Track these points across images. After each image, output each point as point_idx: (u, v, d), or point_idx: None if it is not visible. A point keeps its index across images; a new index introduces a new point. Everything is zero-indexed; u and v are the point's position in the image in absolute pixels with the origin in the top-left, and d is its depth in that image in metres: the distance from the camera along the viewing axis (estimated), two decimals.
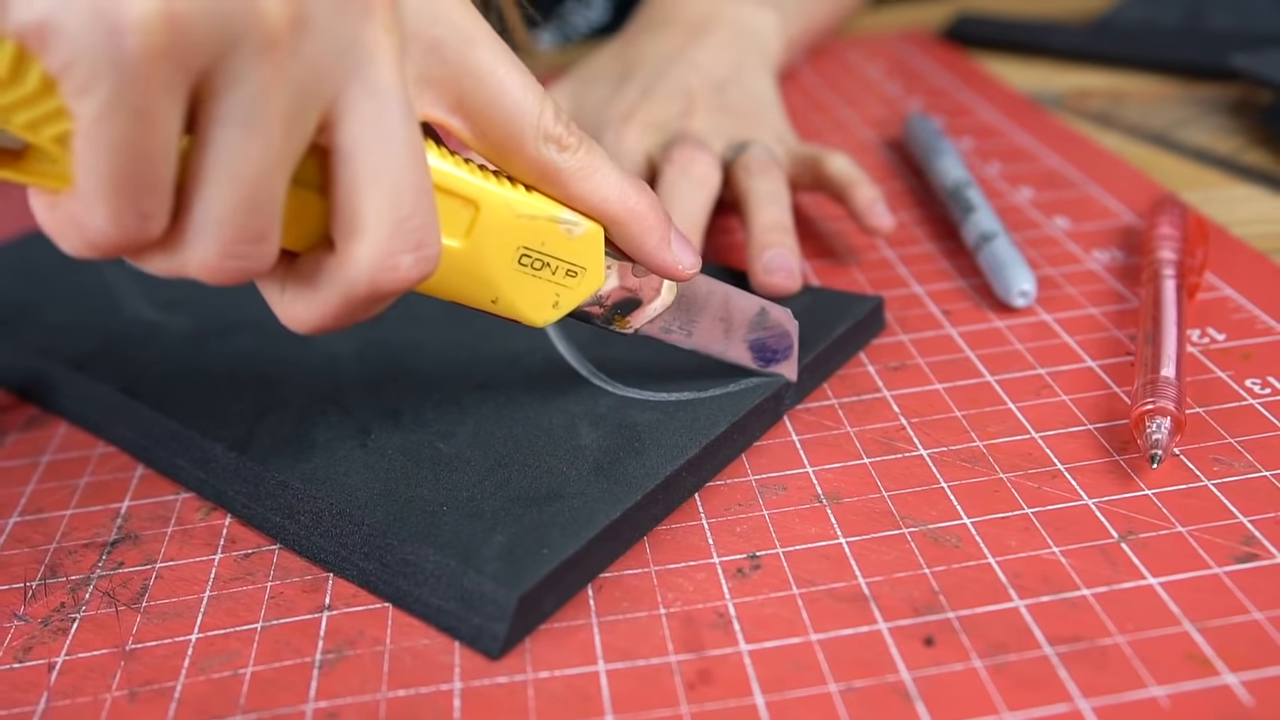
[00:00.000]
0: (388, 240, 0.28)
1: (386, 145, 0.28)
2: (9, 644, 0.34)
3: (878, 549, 0.34)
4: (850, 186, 0.48)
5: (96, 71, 0.24)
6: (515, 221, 0.33)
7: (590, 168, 0.34)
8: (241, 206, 0.27)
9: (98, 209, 0.26)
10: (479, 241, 0.32)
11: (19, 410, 0.46)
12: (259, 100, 0.26)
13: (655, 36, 0.58)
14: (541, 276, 0.34)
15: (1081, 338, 0.43)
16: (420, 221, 0.29)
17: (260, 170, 0.27)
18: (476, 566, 0.32)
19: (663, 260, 0.35)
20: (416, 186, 0.29)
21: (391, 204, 0.28)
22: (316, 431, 0.39)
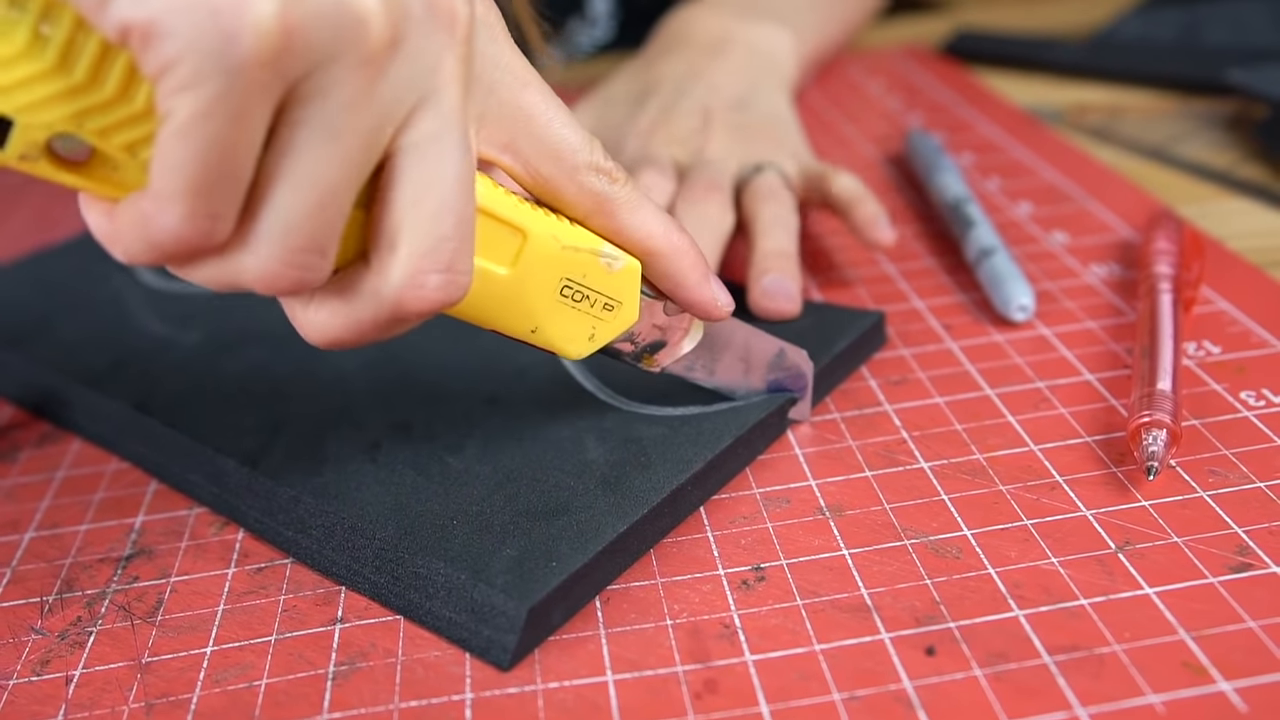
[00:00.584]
0: (421, 258, 0.29)
1: (439, 168, 0.29)
2: (27, 657, 0.34)
3: (880, 560, 0.34)
4: (854, 204, 0.49)
5: (203, 72, 0.24)
6: (560, 253, 0.34)
7: (637, 202, 0.35)
8: (311, 215, 0.27)
9: (173, 208, 0.26)
10: (524, 270, 0.33)
11: (33, 427, 0.47)
12: (346, 113, 0.27)
13: (673, 58, 0.59)
14: (581, 309, 0.35)
15: (1080, 351, 0.43)
16: (456, 246, 0.29)
17: (335, 181, 0.27)
18: (486, 580, 0.33)
19: (703, 296, 0.36)
20: (459, 212, 0.29)
21: (432, 223, 0.29)
22: (328, 446, 0.40)
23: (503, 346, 0.44)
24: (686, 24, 0.63)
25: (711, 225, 0.46)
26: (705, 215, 0.46)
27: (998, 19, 0.86)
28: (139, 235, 0.27)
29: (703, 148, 0.52)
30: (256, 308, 0.50)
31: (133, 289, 0.53)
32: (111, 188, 0.27)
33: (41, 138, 0.26)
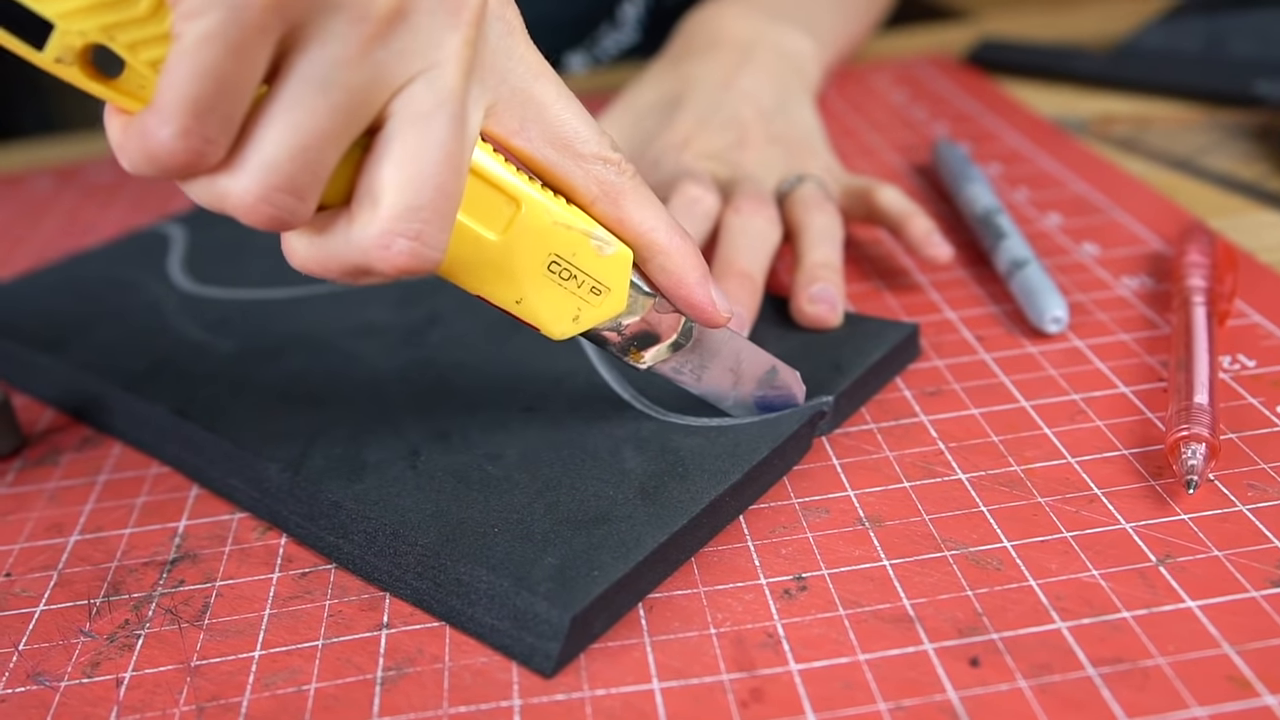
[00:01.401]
0: (393, 220, 0.30)
1: (426, 140, 0.30)
2: (77, 659, 0.35)
3: (921, 571, 0.35)
4: (905, 219, 0.49)
5: (211, 2, 0.27)
6: (551, 228, 0.35)
7: (642, 196, 0.36)
8: (292, 158, 0.29)
9: (170, 124, 0.28)
10: (514, 240, 0.34)
11: (72, 430, 0.47)
12: (338, 68, 0.29)
13: (701, 62, 0.59)
14: (567, 288, 0.36)
15: (1114, 364, 0.44)
16: (429, 218, 0.31)
17: (318, 130, 0.29)
18: (529, 587, 0.33)
19: (700, 296, 0.37)
20: (438, 186, 0.30)
21: (410, 189, 0.30)
22: (367, 452, 0.40)
23: (538, 356, 0.45)
24: (711, 25, 0.62)
25: (761, 238, 0.47)
26: (755, 229, 0.47)
27: (1019, 28, 0.86)
28: (140, 147, 0.28)
29: (741, 161, 0.52)
30: (292, 315, 0.51)
31: (168, 294, 0.54)
32: (135, 100, 0.29)
33: (78, 44, 0.28)
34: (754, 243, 0.46)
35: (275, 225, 0.30)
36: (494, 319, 0.48)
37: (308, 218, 0.31)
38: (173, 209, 0.69)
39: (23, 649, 0.36)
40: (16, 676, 0.34)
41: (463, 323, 0.48)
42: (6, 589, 0.38)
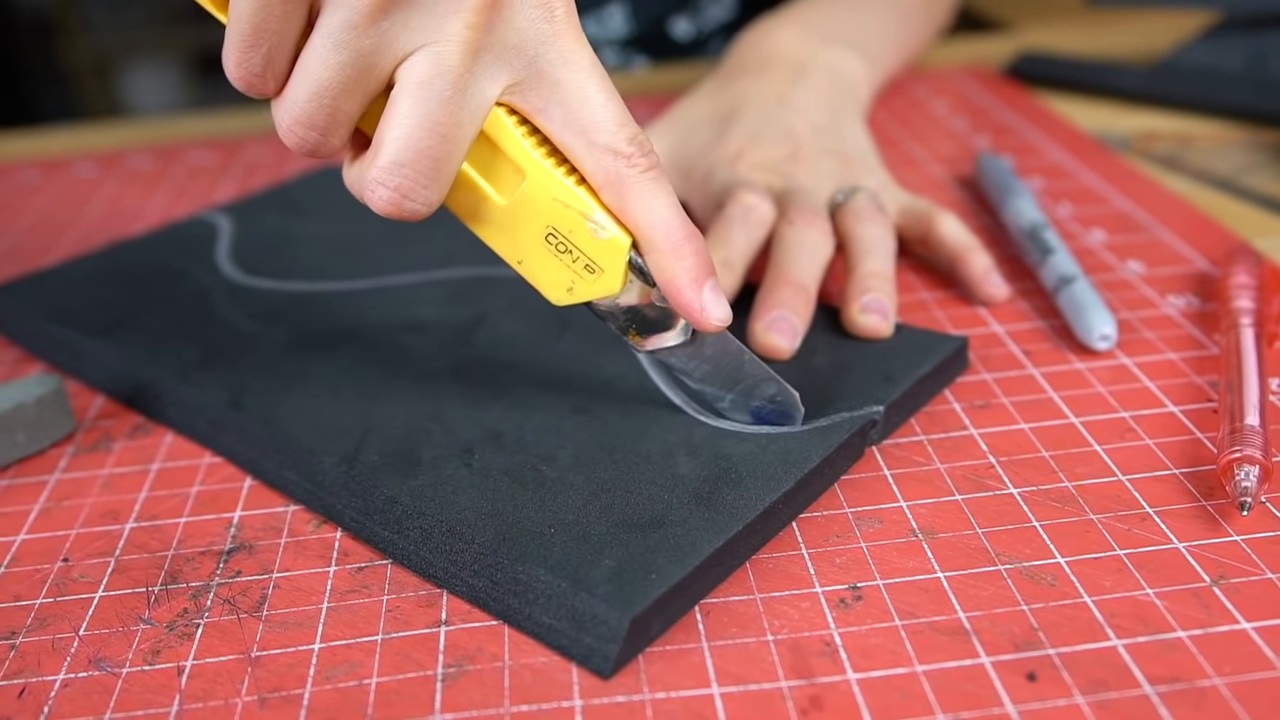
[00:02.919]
0: (380, 171, 0.35)
1: (419, 106, 0.34)
2: (138, 646, 0.35)
3: (975, 584, 0.35)
4: (965, 252, 0.50)
5: None
6: (551, 202, 0.37)
7: (648, 192, 0.37)
8: (309, 100, 0.34)
9: (228, 54, 0.35)
10: (518, 207, 0.37)
11: (125, 417, 0.48)
12: (349, 30, 0.33)
13: (754, 79, 0.60)
14: (563, 260, 0.38)
15: (1162, 383, 0.44)
16: (411, 173, 0.35)
17: (330, 81, 0.34)
18: (588, 589, 0.34)
19: (688, 298, 0.38)
20: (422, 149, 0.35)
21: (397, 147, 0.35)
22: (421, 449, 0.41)
23: (587, 358, 0.45)
24: (764, 44, 0.63)
25: (814, 249, 0.47)
26: (808, 240, 0.47)
27: (1059, 41, 0.86)
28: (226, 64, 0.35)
29: (794, 173, 0.53)
30: (340, 309, 0.51)
31: (217, 284, 0.54)
32: None
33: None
34: (807, 254, 0.47)
35: (303, 152, 0.36)
36: (541, 321, 0.48)
37: (336, 150, 0.36)
38: (215, 198, 0.69)
39: (83, 634, 0.36)
40: (79, 661, 0.35)
41: (511, 323, 0.49)
42: (65, 574, 0.39)
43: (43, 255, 0.64)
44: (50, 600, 0.38)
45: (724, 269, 0.47)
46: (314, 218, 0.61)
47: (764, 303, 0.45)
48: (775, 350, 0.44)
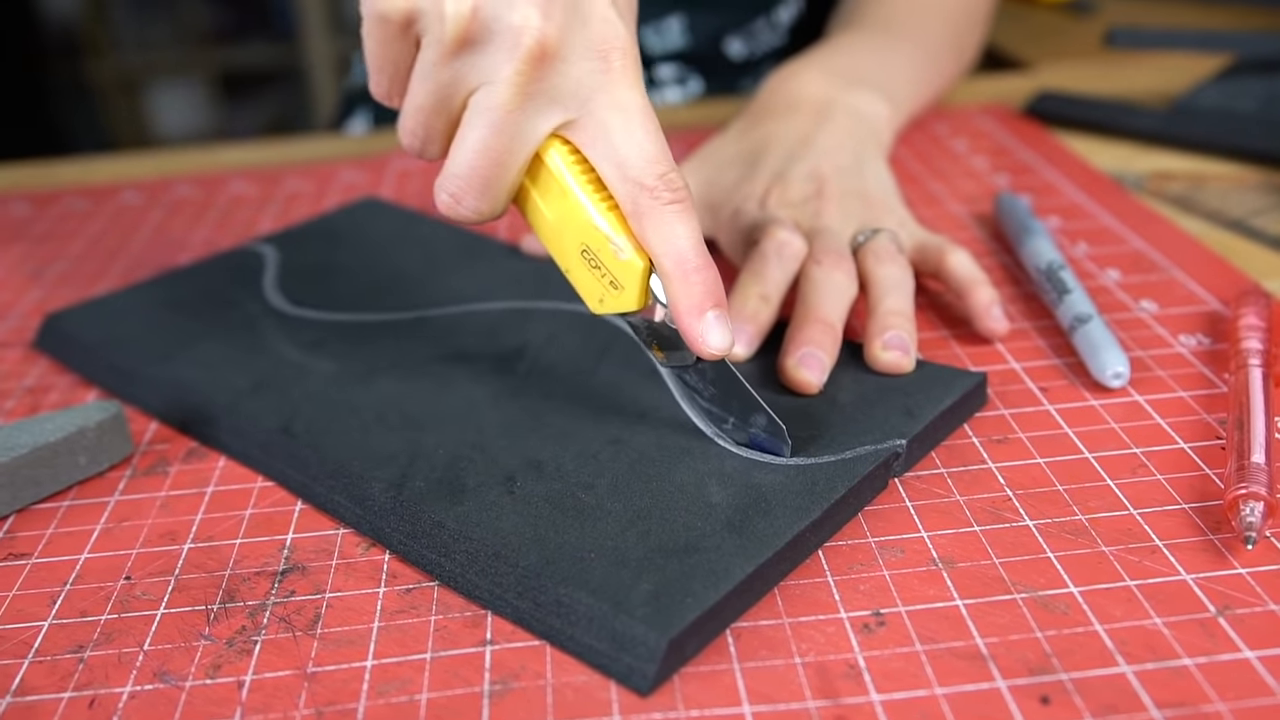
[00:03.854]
0: (443, 178, 0.43)
1: (475, 131, 0.42)
2: (199, 661, 0.37)
3: (992, 612, 0.37)
4: (971, 286, 0.52)
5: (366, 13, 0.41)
6: (584, 223, 0.42)
7: (666, 223, 0.41)
8: (410, 116, 0.43)
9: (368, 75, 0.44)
10: (561, 223, 0.43)
11: (179, 441, 0.50)
12: (432, 66, 0.41)
13: (780, 121, 0.62)
14: (594, 275, 0.43)
15: (1173, 420, 0.46)
16: (463, 185, 0.42)
17: (421, 104, 0.42)
18: (628, 611, 0.36)
19: (689, 324, 0.41)
20: (473, 166, 0.42)
21: (455, 161, 0.42)
22: (466, 476, 0.43)
23: (622, 390, 0.47)
24: (790, 87, 0.65)
25: (840, 290, 0.49)
26: (835, 281, 0.49)
27: (1077, 80, 0.88)
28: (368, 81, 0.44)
29: (819, 213, 0.55)
30: (383, 339, 0.54)
31: (265, 314, 0.57)
32: None
33: None
34: (834, 294, 0.49)
35: (412, 153, 0.44)
36: (578, 354, 0.51)
37: (435, 157, 0.44)
38: (258, 228, 0.72)
39: (147, 649, 0.38)
40: (144, 674, 0.37)
41: (549, 355, 0.51)
42: (128, 591, 0.41)
43: (95, 281, 0.66)
44: (115, 616, 0.40)
45: (760, 302, 0.49)
46: (355, 249, 0.64)
47: (794, 340, 0.47)
48: (805, 385, 0.46)
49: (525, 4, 0.40)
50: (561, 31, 0.41)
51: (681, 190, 0.42)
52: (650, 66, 0.93)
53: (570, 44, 0.41)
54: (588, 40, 0.41)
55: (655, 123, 0.42)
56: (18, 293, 0.66)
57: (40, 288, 0.66)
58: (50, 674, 0.37)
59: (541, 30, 0.40)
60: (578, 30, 0.41)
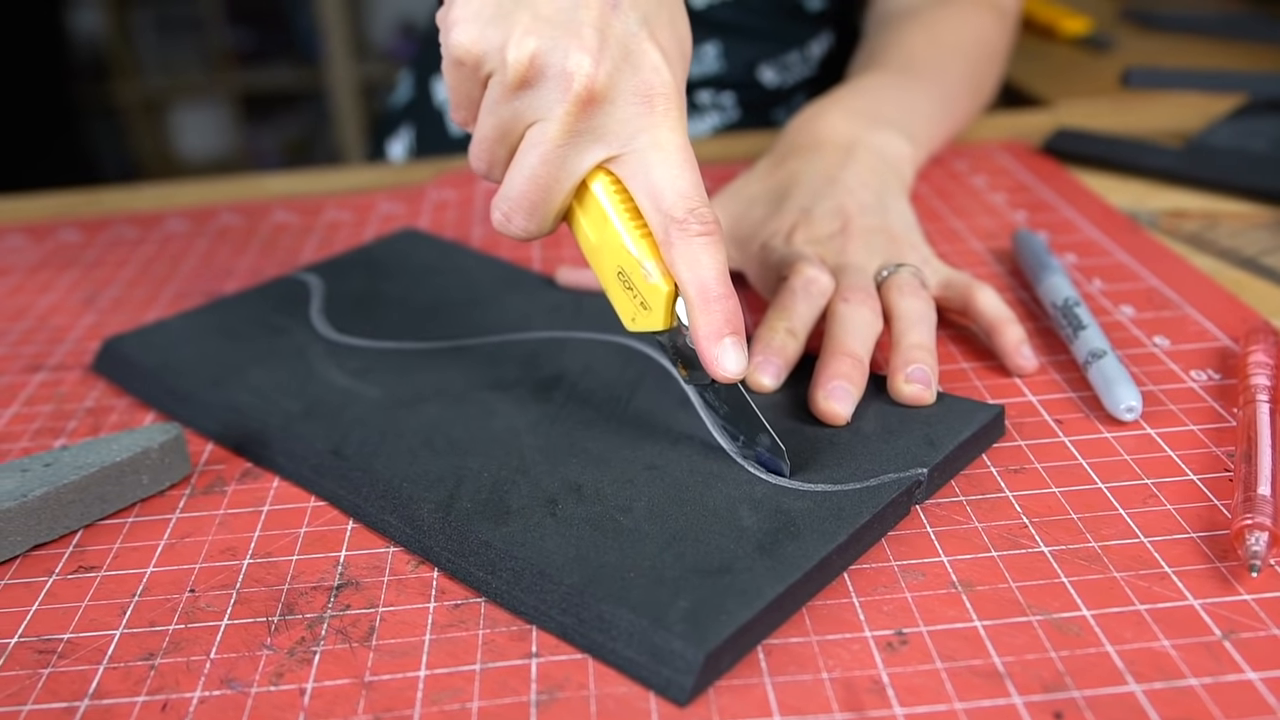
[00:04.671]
0: (497, 198, 0.48)
1: (524, 159, 0.46)
2: (263, 669, 0.40)
3: (1009, 633, 0.39)
4: (1000, 324, 0.54)
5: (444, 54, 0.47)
6: (619, 248, 0.46)
7: (691, 253, 0.45)
8: (478, 145, 0.48)
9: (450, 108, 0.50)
10: (602, 245, 0.47)
11: (234, 462, 0.52)
12: (496, 103, 0.46)
13: (805, 160, 0.65)
14: (628, 295, 0.47)
15: (1183, 453, 0.48)
16: (513, 206, 0.47)
17: (487, 135, 0.47)
18: (666, 627, 0.38)
19: (706, 349, 0.45)
20: (522, 191, 0.47)
21: (508, 184, 0.47)
22: (510, 499, 0.45)
23: (656, 418, 0.50)
24: (815, 127, 0.68)
25: (866, 325, 0.52)
26: (861, 317, 0.52)
27: (1094, 117, 0.91)
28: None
29: (844, 249, 0.57)
30: (427, 367, 0.56)
31: (313, 341, 0.59)
32: None
33: None
34: (861, 329, 0.52)
35: (480, 175, 0.50)
36: (613, 383, 0.53)
37: (499, 179, 0.49)
38: (301, 256, 0.74)
39: (214, 657, 0.41)
40: (211, 681, 0.39)
41: (585, 384, 0.54)
42: (193, 603, 0.43)
43: (147, 306, 0.69)
44: (182, 627, 0.42)
45: (787, 336, 0.52)
46: (396, 279, 0.67)
47: (823, 373, 0.50)
48: (834, 415, 0.49)
49: (579, 52, 0.44)
50: (610, 77, 0.45)
51: (710, 224, 0.45)
52: (690, 91, 0.96)
53: (618, 88, 0.45)
54: (635, 85, 0.45)
55: (692, 161, 0.46)
56: (73, 317, 0.68)
57: (94, 312, 0.69)
58: (124, 679, 0.40)
59: (591, 76, 0.44)
60: (626, 76, 0.45)
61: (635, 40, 0.45)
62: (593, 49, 0.44)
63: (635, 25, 0.46)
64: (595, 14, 0.45)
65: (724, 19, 0.94)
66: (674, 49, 0.47)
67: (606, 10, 0.45)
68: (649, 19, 0.46)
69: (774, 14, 0.96)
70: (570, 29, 0.45)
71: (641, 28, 0.46)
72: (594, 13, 0.45)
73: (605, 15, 0.45)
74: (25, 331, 0.67)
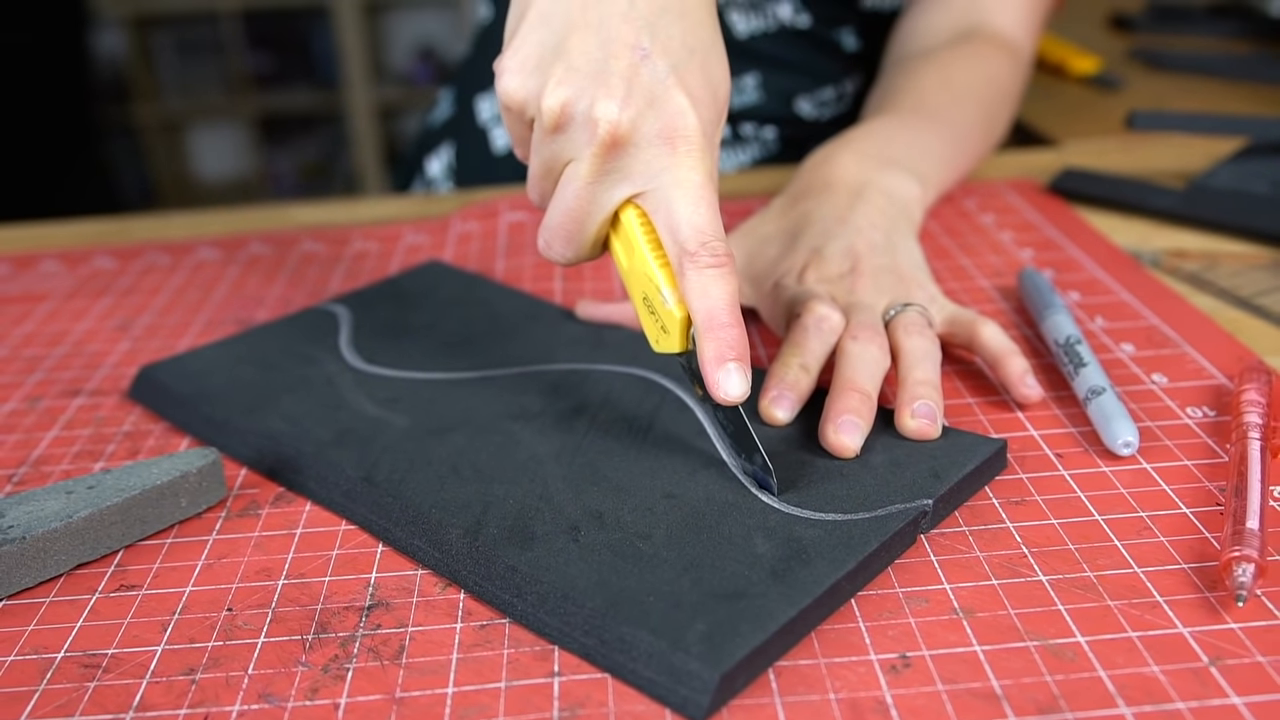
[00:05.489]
0: (541, 227, 0.53)
1: (564, 196, 0.51)
2: (299, 685, 0.42)
3: (1007, 658, 0.41)
4: (1004, 357, 0.57)
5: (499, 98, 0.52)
6: (644, 276, 0.51)
7: (700, 283, 0.48)
8: (531, 180, 0.54)
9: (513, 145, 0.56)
10: (631, 272, 0.51)
11: (267, 487, 0.55)
12: (538, 143, 0.51)
13: (818, 200, 0.67)
14: (652, 319, 0.51)
15: (1177, 487, 0.50)
16: (551, 236, 0.53)
17: (535, 171, 0.53)
18: (684, 649, 0.40)
19: (709, 373, 0.48)
20: (559, 223, 0.52)
21: (549, 217, 0.53)
22: (534, 525, 0.48)
23: (674, 449, 0.52)
24: (828, 169, 0.70)
25: (875, 362, 0.54)
26: (869, 355, 0.54)
27: (1099, 157, 0.93)
28: None
29: (854, 288, 0.60)
30: (453, 397, 0.58)
31: (342, 371, 0.62)
32: None
33: None
34: (869, 366, 0.54)
35: (536, 206, 0.55)
36: (632, 415, 0.56)
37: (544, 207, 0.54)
38: (329, 286, 0.77)
39: (251, 673, 0.43)
40: (250, 695, 0.42)
41: (606, 415, 0.56)
42: (230, 621, 0.46)
43: (180, 333, 0.71)
44: (220, 643, 0.45)
45: (800, 371, 0.54)
46: (422, 310, 0.69)
47: (833, 408, 0.52)
48: (843, 448, 0.51)
49: (605, 100, 0.48)
50: (633, 122, 0.48)
51: (721, 257, 0.48)
52: (734, 122, 1.01)
53: (641, 132, 0.49)
54: (658, 129, 0.49)
55: (710, 198, 0.49)
56: (109, 343, 0.71)
57: (129, 339, 0.71)
58: (167, 693, 0.42)
59: (616, 122, 0.48)
60: (650, 121, 0.49)
61: (662, 87, 0.49)
62: (619, 97, 0.48)
63: (664, 73, 0.49)
64: (624, 64, 0.48)
65: (764, 50, 0.99)
66: (704, 93, 0.50)
67: (635, 60, 0.49)
68: (678, 66, 0.49)
69: (812, 49, 1.00)
70: (599, 79, 0.48)
71: (670, 75, 0.49)
72: (623, 63, 0.48)
73: (634, 65, 0.48)
74: (63, 357, 0.70)
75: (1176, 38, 1.40)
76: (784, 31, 0.98)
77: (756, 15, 0.97)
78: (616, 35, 0.49)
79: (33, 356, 0.70)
